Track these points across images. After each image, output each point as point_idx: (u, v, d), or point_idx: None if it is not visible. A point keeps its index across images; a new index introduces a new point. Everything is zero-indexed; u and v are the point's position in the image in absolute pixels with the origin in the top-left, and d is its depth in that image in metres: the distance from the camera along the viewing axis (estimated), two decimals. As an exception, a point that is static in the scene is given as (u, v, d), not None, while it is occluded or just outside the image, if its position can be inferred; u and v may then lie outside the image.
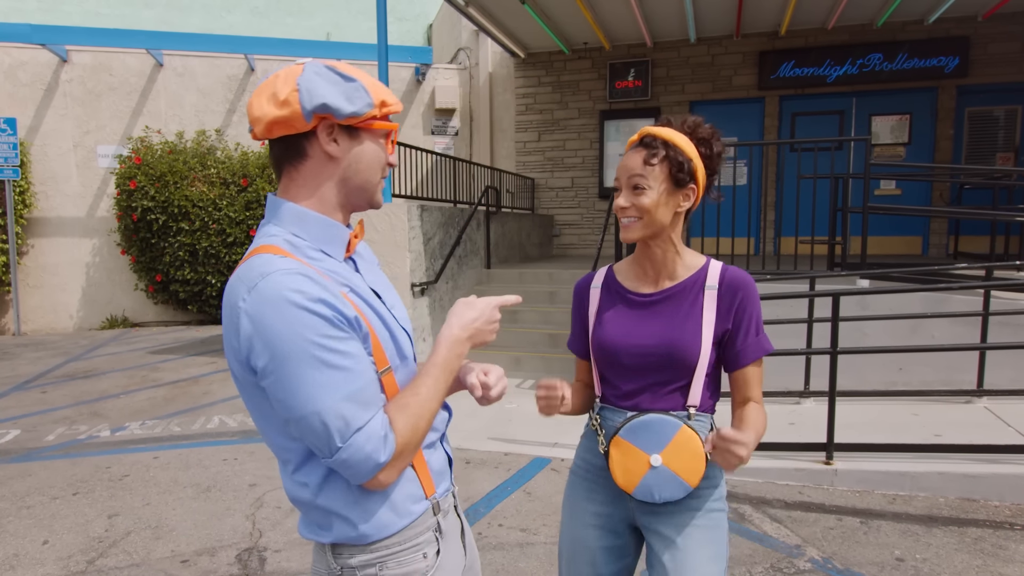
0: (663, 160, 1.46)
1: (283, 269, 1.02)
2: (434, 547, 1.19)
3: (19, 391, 6.23)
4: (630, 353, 1.51)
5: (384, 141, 1.19)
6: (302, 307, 1.00)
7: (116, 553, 3.14)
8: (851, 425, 4.32)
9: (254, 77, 10.36)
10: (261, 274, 1.02)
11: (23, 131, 9.66)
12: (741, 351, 1.50)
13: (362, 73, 1.16)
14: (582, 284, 1.69)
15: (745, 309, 1.49)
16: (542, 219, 10.50)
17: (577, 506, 1.61)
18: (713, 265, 1.55)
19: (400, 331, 1.20)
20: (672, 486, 1.44)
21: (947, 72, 9.00)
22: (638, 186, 1.47)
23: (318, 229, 1.14)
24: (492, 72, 10.92)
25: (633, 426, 1.47)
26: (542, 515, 3.50)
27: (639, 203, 1.47)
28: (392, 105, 1.17)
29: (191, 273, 9.61)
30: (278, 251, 1.07)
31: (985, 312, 4.77)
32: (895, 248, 9.31)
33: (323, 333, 1.01)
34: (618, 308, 1.58)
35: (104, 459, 4.39)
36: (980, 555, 3.05)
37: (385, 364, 1.13)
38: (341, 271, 1.14)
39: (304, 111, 1.08)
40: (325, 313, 1.01)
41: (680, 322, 1.49)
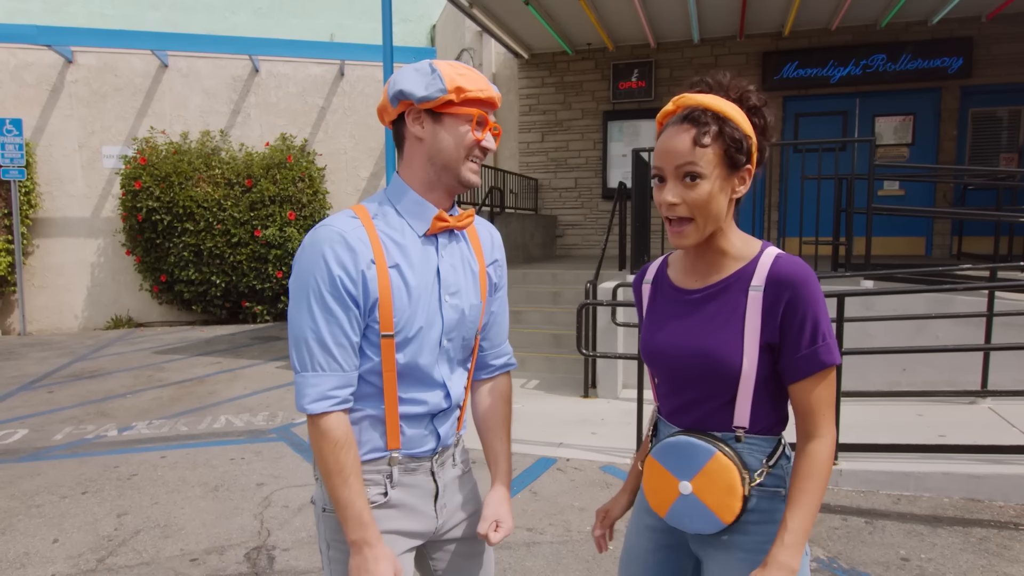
0: (717, 138, 1.20)
1: (335, 227, 1.26)
2: (380, 489, 1.36)
3: (26, 391, 6.26)
4: (665, 357, 1.32)
5: (468, 126, 1.31)
6: (323, 259, 1.24)
7: (126, 552, 3.16)
8: (855, 425, 4.34)
9: (258, 78, 10.39)
10: (323, 222, 1.28)
11: (28, 132, 9.71)
12: (795, 364, 1.22)
13: (457, 66, 1.30)
14: (637, 280, 1.48)
15: (796, 310, 1.20)
16: (545, 219, 10.52)
17: (639, 516, 1.48)
18: (765, 256, 1.26)
19: (435, 316, 1.35)
20: (703, 519, 1.26)
21: (951, 73, 9.00)
22: (690, 174, 1.20)
23: (408, 203, 1.35)
24: (495, 73, 10.94)
25: (664, 447, 1.30)
26: (548, 515, 3.51)
27: (693, 198, 1.21)
28: (471, 91, 1.28)
29: (195, 273, 9.65)
30: (358, 210, 1.32)
31: (989, 313, 4.77)
32: (898, 249, 9.32)
33: (325, 286, 1.24)
34: (662, 306, 1.38)
35: (112, 458, 4.42)
36: (985, 555, 3.07)
37: (389, 330, 1.29)
38: (406, 244, 1.32)
39: (390, 97, 1.32)
40: (334, 273, 1.24)
41: (719, 326, 1.26)
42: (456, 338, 1.41)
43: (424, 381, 1.37)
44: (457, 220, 1.38)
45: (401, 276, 1.30)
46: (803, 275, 1.20)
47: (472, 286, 1.43)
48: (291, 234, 9.67)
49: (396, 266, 1.30)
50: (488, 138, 1.34)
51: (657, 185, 1.26)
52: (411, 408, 1.36)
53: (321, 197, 10.22)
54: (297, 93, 10.53)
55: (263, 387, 6.23)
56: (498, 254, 1.53)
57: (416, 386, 1.36)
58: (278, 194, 9.71)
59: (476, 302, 1.44)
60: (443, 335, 1.38)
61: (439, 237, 1.38)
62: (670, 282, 1.39)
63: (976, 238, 8.47)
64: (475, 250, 1.47)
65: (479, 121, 1.32)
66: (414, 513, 1.41)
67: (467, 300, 1.41)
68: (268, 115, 10.46)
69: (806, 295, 1.20)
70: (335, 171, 10.59)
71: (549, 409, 5.28)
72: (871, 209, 5.60)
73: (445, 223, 1.36)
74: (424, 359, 1.35)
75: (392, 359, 1.31)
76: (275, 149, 10.03)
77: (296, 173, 9.86)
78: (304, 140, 10.43)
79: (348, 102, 10.62)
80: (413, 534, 1.42)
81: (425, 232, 1.35)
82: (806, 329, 1.20)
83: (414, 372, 1.35)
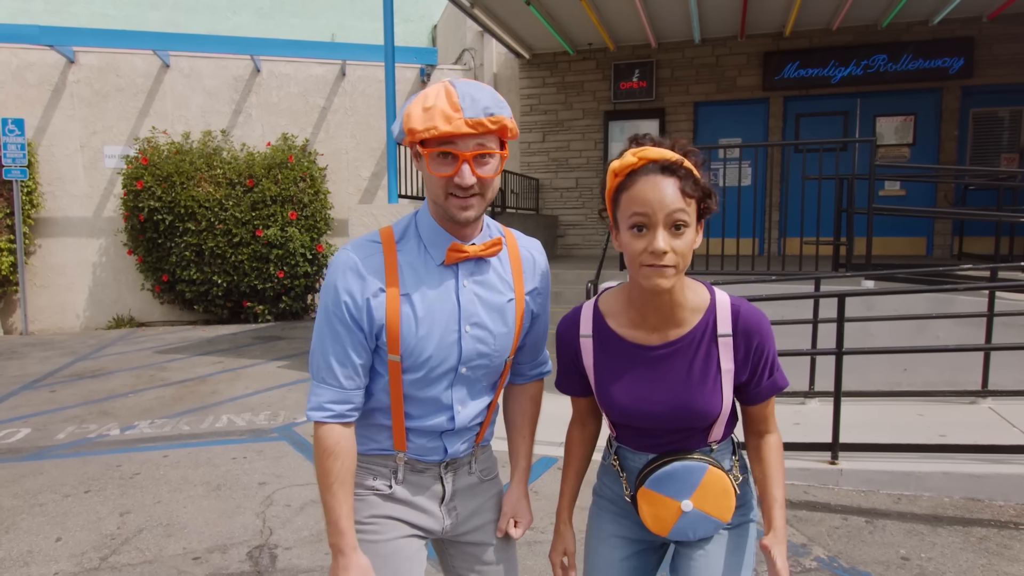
0: (693, 191, 1.24)
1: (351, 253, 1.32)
2: (385, 481, 1.42)
3: (28, 390, 6.28)
4: (645, 418, 1.38)
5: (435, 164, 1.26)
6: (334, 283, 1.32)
7: (129, 550, 3.18)
8: (856, 425, 4.34)
9: (260, 78, 10.41)
10: (346, 245, 1.36)
11: (30, 132, 9.73)
12: (756, 393, 1.40)
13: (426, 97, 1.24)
14: (567, 332, 1.45)
15: (762, 354, 1.36)
16: (546, 220, 10.52)
17: (603, 529, 1.53)
18: (720, 303, 1.35)
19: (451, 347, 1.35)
20: (706, 525, 1.38)
21: (952, 73, 9.00)
22: (678, 223, 1.22)
23: (426, 229, 1.37)
24: (497, 73, 10.95)
25: (658, 477, 1.37)
26: (549, 514, 3.52)
27: (679, 246, 1.23)
28: (419, 131, 1.23)
29: (197, 273, 9.66)
30: (384, 233, 1.36)
31: (990, 313, 4.78)
32: (899, 249, 9.32)
33: (333, 308, 1.31)
34: (620, 365, 1.38)
35: (114, 457, 4.43)
36: (985, 554, 3.07)
37: (395, 354, 1.33)
38: (424, 273, 1.34)
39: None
40: (341, 298, 1.30)
41: (697, 382, 1.34)
42: (479, 367, 1.40)
43: (430, 404, 1.39)
44: (479, 250, 1.34)
45: (411, 305, 1.32)
46: (763, 322, 1.35)
47: (501, 316, 1.39)
48: (292, 234, 9.69)
49: (408, 295, 1.32)
50: (461, 173, 1.24)
51: (635, 234, 1.24)
52: (417, 423, 1.40)
53: (322, 197, 10.23)
54: (298, 93, 10.55)
55: (265, 387, 6.24)
56: (539, 282, 1.47)
57: (421, 407, 1.39)
58: (279, 194, 9.73)
59: (505, 330, 1.40)
60: (461, 364, 1.37)
61: (460, 266, 1.35)
62: (618, 337, 1.39)
63: (977, 238, 8.48)
64: (514, 275, 1.42)
65: (441, 156, 1.25)
66: (418, 510, 1.44)
67: (495, 329, 1.39)
68: (269, 115, 10.47)
69: (769, 337, 1.35)
70: (336, 171, 10.60)
71: (550, 408, 5.25)
72: (872, 209, 5.61)
73: (462, 254, 1.33)
74: (432, 386, 1.37)
75: (399, 380, 1.36)
76: (276, 149, 10.05)
77: (297, 173, 9.87)
78: (305, 140, 10.45)
79: (349, 102, 10.63)
80: (418, 527, 1.45)
81: (442, 262, 1.34)
82: (767, 365, 1.38)
83: (420, 396, 1.38)
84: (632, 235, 1.24)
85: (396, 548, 1.40)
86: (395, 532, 1.41)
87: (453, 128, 1.21)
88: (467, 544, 1.51)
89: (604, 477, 1.56)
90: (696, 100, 10.01)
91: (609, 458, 1.51)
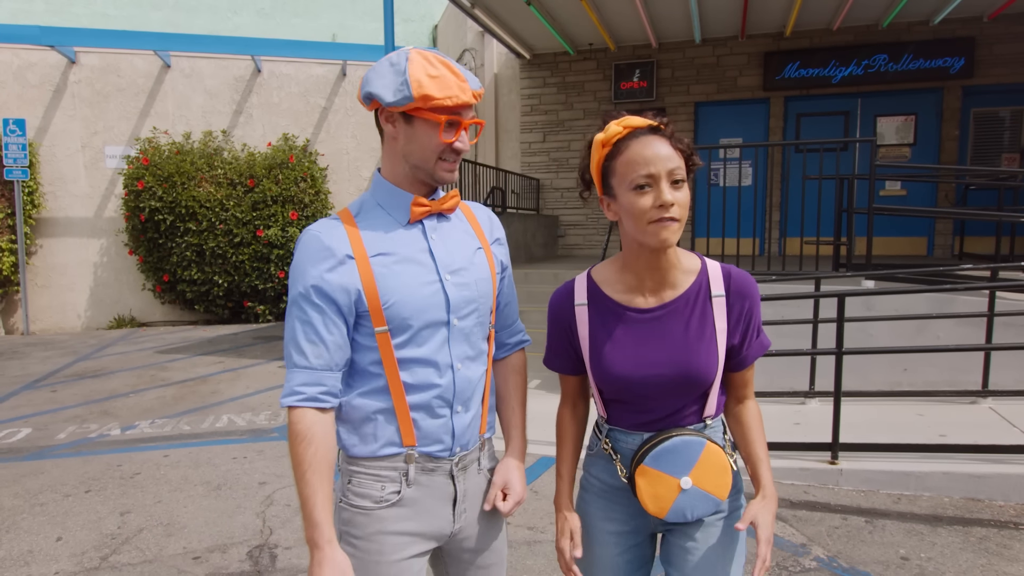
0: (683, 149, 1.31)
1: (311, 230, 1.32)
2: (395, 486, 1.36)
3: (29, 390, 6.29)
4: (644, 384, 1.37)
5: (437, 130, 1.30)
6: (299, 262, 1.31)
7: (129, 550, 3.18)
8: (856, 425, 4.34)
9: (260, 78, 10.42)
10: (306, 229, 1.34)
11: (32, 132, 9.74)
12: (746, 355, 1.42)
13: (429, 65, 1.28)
14: (562, 302, 1.46)
15: (752, 314, 1.40)
16: (547, 220, 10.53)
17: (595, 526, 1.50)
18: (711, 267, 1.41)
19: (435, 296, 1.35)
20: (705, 504, 1.38)
21: (952, 73, 9.00)
22: (678, 178, 1.28)
23: (383, 193, 1.39)
24: (497, 73, 10.96)
25: (657, 453, 1.36)
26: (549, 513, 3.53)
27: (681, 199, 1.28)
28: (439, 99, 1.27)
29: (198, 273, 9.67)
30: (341, 213, 1.37)
31: (990, 313, 4.78)
32: (900, 249, 9.32)
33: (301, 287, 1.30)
34: (617, 329, 1.39)
35: (115, 457, 4.44)
36: (985, 554, 3.07)
37: (381, 324, 1.31)
38: (390, 234, 1.35)
39: (362, 96, 1.34)
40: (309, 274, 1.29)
41: (694, 341, 1.36)
42: (470, 315, 1.40)
43: (430, 366, 1.35)
44: (440, 203, 1.40)
45: (384, 265, 1.32)
46: (753, 284, 1.40)
47: (480, 264, 1.43)
48: (293, 234, 9.69)
49: (380, 254, 1.32)
50: (462, 139, 1.34)
51: (640, 192, 1.28)
52: (421, 396, 1.35)
53: (323, 197, 10.24)
54: (299, 93, 10.56)
55: (265, 386, 6.24)
56: (499, 233, 1.54)
57: (420, 373, 1.35)
58: (280, 194, 9.74)
59: (485, 276, 1.44)
60: (451, 314, 1.37)
61: (425, 221, 1.39)
62: (614, 302, 1.41)
63: (977, 238, 8.47)
64: (475, 229, 1.48)
65: (450, 124, 1.31)
66: (429, 514, 1.39)
67: (473, 275, 1.41)
68: (270, 115, 10.48)
69: (756, 300, 1.40)
70: (337, 171, 10.61)
71: (551, 409, 5.25)
72: (872, 209, 5.61)
73: (425, 207, 1.37)
74: (427, 343, 1.35)
75: (390, 349, 1.32)
76: (277, 149, 10.06)
77: (298, 173, 9.88)
78: (306, 140, 10.46)
79: (350, 102, 10.64)
80: (427, 536, 1.40)
81: (408, 220, 1.37)
82: (753, 329, 1.42)
83: (416, 357, 1.34)
84: (636, 194, 1.28)
85: (399, 571, 1.36)
86: (400, 553, 1.36)
87: (467, 98, 1.29)
88: (463, 548, 1.47)
89: (591, 468, 1.53)
90: (697, 100, 10.01)
91: (599, 444, 1.49)
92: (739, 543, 1.46)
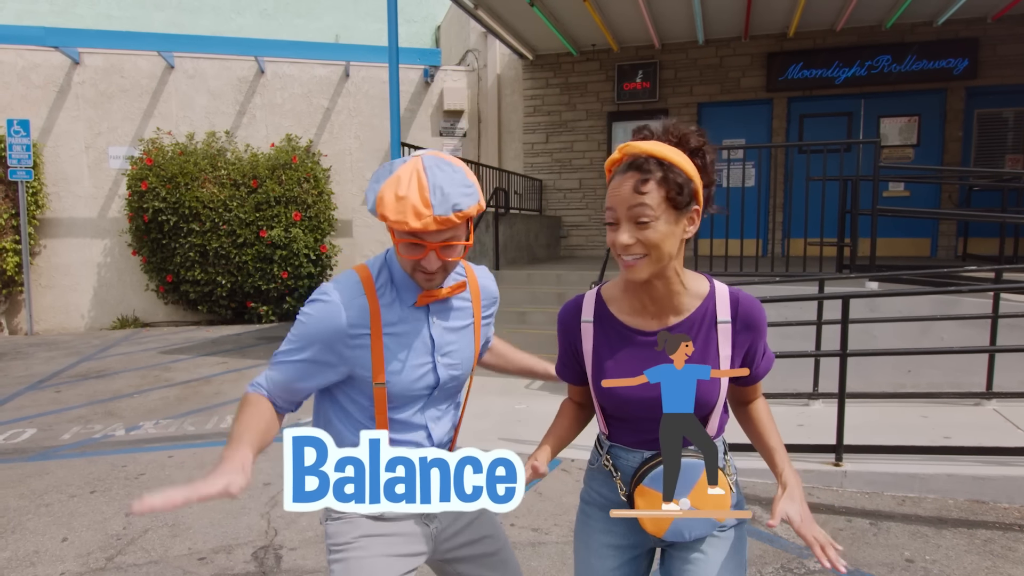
0: (660, 183, 1.25)
1: (337, 297, 1.39)
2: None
3: (34, 390, 6.30)
4: (643, 405, 1.36)
5: (399, 246, 1.36)
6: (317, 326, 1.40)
7: (134, 550, 3.19)
8: (860, 427, 4.34)
9: (264, 79, 10.43)
10: (329, 287, 1.42)
11: (36, 133, 9.76)
12: (753, 377, 1.43)
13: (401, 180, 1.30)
14: (569, 316, 1.46)
15: (759, 339, 1.40)
16: (550, 220, 10.53)
17: (593, 539, 1.51)
18: (719, 292, 1.39)
19: (427, 377, 1.47)
20: (703, 525, 1.38)
21: (956, 74, 8.99)
22: (641, 218, 1.26)
23: (399, 278, 1.46)
24: (500, 74, 10.96)
25: (657, 474, 1.36)
26: (554, 515, 3.53)
27: (645, 237, 1.26)
28: (392, 220, 1.30)
29: (201, 274, 9.68)
30: (363, 275, 1.43)
31: (994, 315, 4.77)
32: (903, 250, 9.31)
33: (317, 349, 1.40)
34: (621, 350, 1.39)
35: (120, 458, 4.45)
36: (990, 556, 3.07)
37: (381, 381, 1.42)
38: (399, 313, 1.44)
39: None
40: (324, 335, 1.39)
41: (697, 363, 1.34)
42: (451, 386, 1.54)
43: (408, 426, 1.49)
44: (447, 292, 1.48)
45: (394, 342, 1.42)
46: (760, 308, 1.39)
47: (467, 344, 1.55)
48: (296, 235, 9.71)
49: (389, 335, 1.42)
50: (428, 259, 1.35)
51: (609, 227, 1.30)
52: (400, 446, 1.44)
53: (326, 198, 10.25)
54: (302, 94, 10.57)
55: (269, 387, 6.25)
56: (493, 308, 1.65)
57: (399, 429, 1.48)
58: (283, 195, 9.75)
59: (469, 353, 1.56)
60: (435, 391, 1.50)
61: (430, 306, 1.48)
62: (619, 323, 1.41)
63: (981, 239, 8.46)
64: (474, 303, 1.57)
65: (411, 245, 1.34)
66: (405, 535, 1.48)
67: (460, 356, 1.53)
68: (273, 116, 10.50)
69: (765, 323, 1.39)
70: (340, 172, 10.62)
71: (554, 410, 5.28)
72: (876, 210, 5.60)
73: (432, 297, 1.46)
74: (410, 410, 1.48)
75: (384, 407, 1.44)
76: (280, 150, 10.07)
77: (301, 174, 9.89)
78: (309, 141, 10.47)
79: (353, 103, 10.65)
80: (408, 555, 1.48)
81: (414, 304, 1.45)
82: (759, 353, 1.42)
83: (397, 419, 1.47)
84: (608, 228, 1.32)
85: (387, 565, 1.43)
86: (383, 549, 1.44)
87: (422, 226, 1.29)
88: (469, 559, 1.56)
89: (593, 482, 1.54)
90: (700, 101, 10.01)
91: (600, 460, 1.49)
92: (740, 555, 1.46)
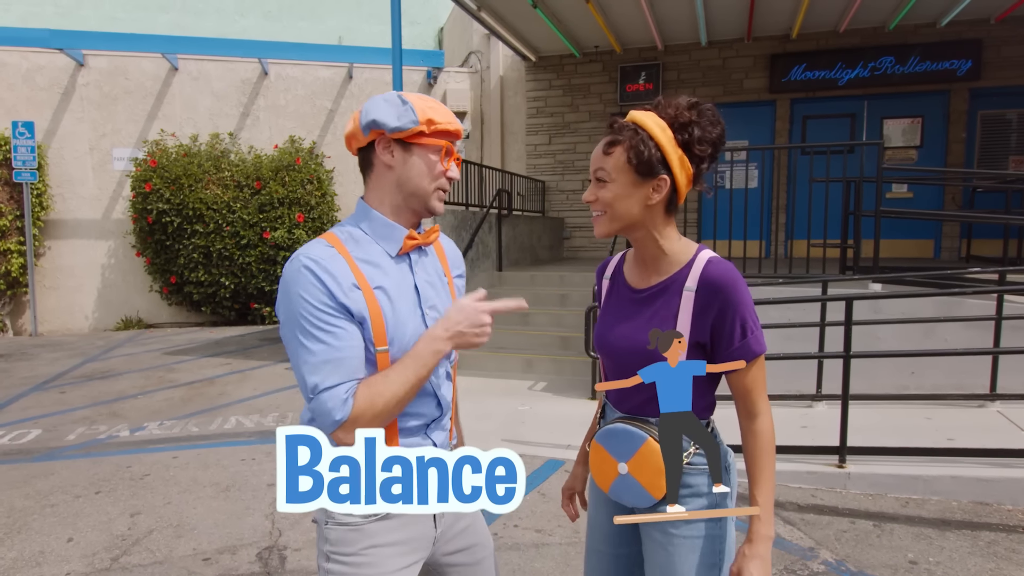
0: (625, 149, 1.34)
1: (310, 255, 1.30)
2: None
3: (38, 391, 6.32)
4: (613, 350, 1.46)
5: (437, 156, 1.39)
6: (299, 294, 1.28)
7: (139, 551, 3.20)
8: (864, 429, 4.34)
9: (267, 81, 10.46)
10: (298, 252, 1.32)
11: (40, 134, 9.80)
12: (726, 357, 1.36)
13: (425, 99, 1.39)
14: (598, 274, 1.63)
15: (726, 313, 1.34)
16: (553, 222, 10.54)
17: (593, 517, 1.62)
18: (699, 260, 1.39)
19: (420, 329, 1.40)
20: (637, 495, 1.40)
21: (959, 75, 8.98)
22: (600, 178, 1.38)
23: (378, 226, 1.41)
24: (503, 75, 10.98)
25: (605, 432, 1.44)
26: (556, 516, 3.53)
27: (601, 195, 1.39)
28: (441, 123, 1.37)
29: (205, 275, 9.71)
30: (330, 238, 1.37)
31: (998, 316, 4.77)
32: (907, 251, 9.29)
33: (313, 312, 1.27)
34: (615, 302, 1.52)
35: (124, 459, 4.47)
36: (993, 558, 3.07)
37: (383, 345, 1.34)
38: (382, 264, 1.38)
39: (362, 126, 1.36)
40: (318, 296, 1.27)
41: (657, 325, 1.39)
42: None
43: (420, 392, 1.39)
44: (425, 236, 1.47)
45: (387, 296, 1.36)
46: (731, 280, 1.34)
47: (446, 297, 1.51)
48: (300, 236, 9.73)
49: (380, 288, 1.35)
50: (453, 169, 1.43)
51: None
52: (407, 421, 1.40)
53: (330, 199, 10.27)
54: (306, 96, 10.60)
55: (273, 388, 6.27)
56: (460, 268, 1.63)
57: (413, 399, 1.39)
58: (287, 196, 9.77)
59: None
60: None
61: (411, 255, 1.45)
62: (624, 280, 1.53)
63: (985, 241, 8.45)
64: (442, 263, 1.55)
65: (447, 151, 1.40)
66: (414, 522, 1.41)
67: (443, 310, 1.47)
68: (277, 118, 10.52)
69: (735, 298, 1.34)
70: (343, 173, 10.64)
71: (557, 411, 5.30)
72: (879, 212, 5.60)
73: (415, 241, 1.43)
74: None
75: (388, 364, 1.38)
76: (284, 151, 10.09)
77: (305, 175, 9.91)
78: (313, 142, 10.49)
79: (356, 105, 10.67)
80: (415, 545, 1.42)
81: (397, 252, 1.41)
82: (736, 327, 1.35)
83: None
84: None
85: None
86: (395, 563, 1.38)
87: (460, 127, 1.42)
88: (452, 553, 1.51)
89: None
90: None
91: (596, 413, 1.63)
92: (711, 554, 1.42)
